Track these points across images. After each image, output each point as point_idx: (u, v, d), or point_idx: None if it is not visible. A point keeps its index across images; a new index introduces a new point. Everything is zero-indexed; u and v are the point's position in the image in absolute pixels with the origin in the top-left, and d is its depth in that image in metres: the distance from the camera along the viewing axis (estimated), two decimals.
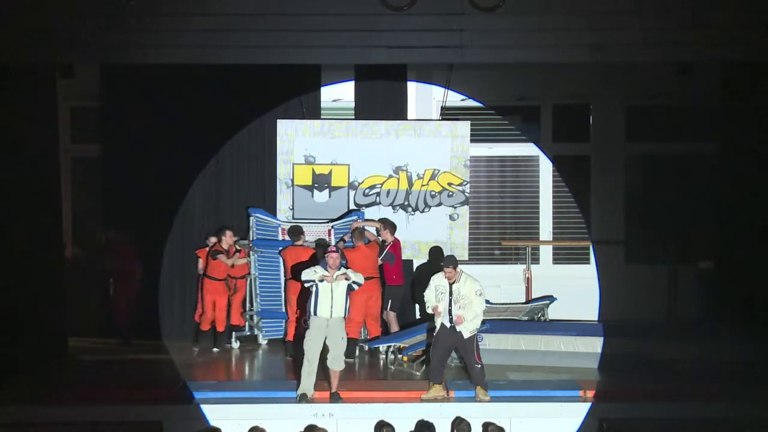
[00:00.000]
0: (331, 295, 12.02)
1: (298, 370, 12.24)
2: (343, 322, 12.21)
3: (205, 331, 15.03)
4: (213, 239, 15.20)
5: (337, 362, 12.12)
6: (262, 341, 15.38)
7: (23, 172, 13.99)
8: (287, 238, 15.02)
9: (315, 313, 12.05)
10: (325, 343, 12.12)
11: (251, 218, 15.34)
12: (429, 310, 12.35)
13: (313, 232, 15.26)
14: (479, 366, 12.17)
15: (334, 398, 12.06)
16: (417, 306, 16.19)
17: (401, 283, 14.96)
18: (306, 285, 12.09)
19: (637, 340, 14.76)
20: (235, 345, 15.13)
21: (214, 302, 14.91)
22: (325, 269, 12.06)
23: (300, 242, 14.69)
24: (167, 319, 16.10)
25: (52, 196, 15.01)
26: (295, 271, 13.87)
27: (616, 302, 16.55)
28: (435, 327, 12.34)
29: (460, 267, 12.34)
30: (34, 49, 13.04)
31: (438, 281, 12.25)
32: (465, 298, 12.07)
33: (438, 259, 13.48)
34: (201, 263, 15.31)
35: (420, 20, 13.04)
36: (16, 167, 13.86)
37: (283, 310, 14.83)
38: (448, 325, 12.17)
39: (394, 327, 14.82)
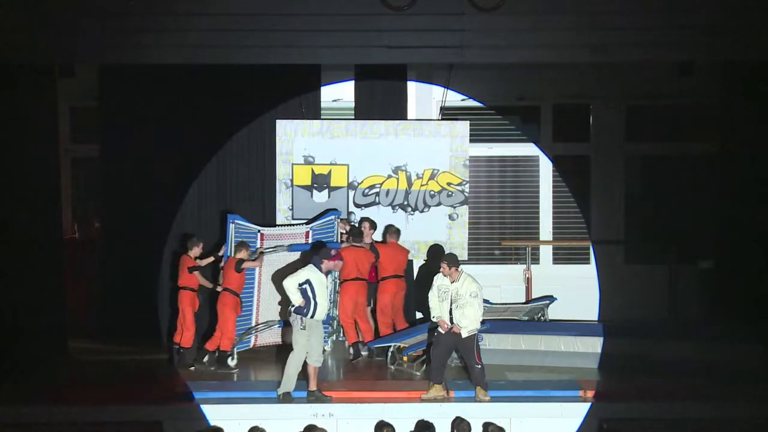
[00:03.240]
0: (327, 299, 12.23)
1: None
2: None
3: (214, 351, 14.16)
4: (198, 250, 14.40)
5: (318, 360, 12.21)
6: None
7: (23, 172, 13.99)
8: (266, 243, 14.86)
9: (313, 316, 12.12)
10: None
11: (231, 225, 14.72)
12: (433, 318, 12.36)
13: (289, 235, 15.14)
14: (479, 366, 12.17)
15: (317, 396, 12.09)
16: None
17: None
18: (299, 288, 12.10)
19: (637, 340, 14.75)
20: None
21: None
22: (322, 272, 12.15)
23: (360, 243, 14.57)
24: (167, 319, 16.09)
25: (52, 195, 15.01)
26: (351, 272, 14.28)
27: (616, 302, 16.55)
28: (436, 326, 12.35)
29: (462, 267, 12.35)
30: (34, 49, 13.05)
31: (440, 281, 12.29)
32: (462, 299, 12.10)
33: (437, 258, 13.48)
34: (222, 278, 14.36)
35: (420, 20, 13.05)
36: (16, 167, 13.87)
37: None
38: (449, 323, 12.18)
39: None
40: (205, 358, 14.11)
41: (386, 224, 15.32)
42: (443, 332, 12.24)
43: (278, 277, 14.26)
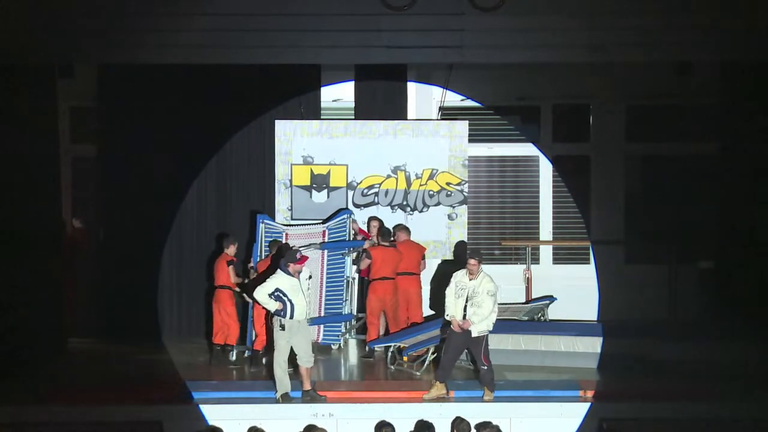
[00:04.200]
0: (305, 297, 12.17)
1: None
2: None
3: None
4: (234, 248, 14.40)
5: (309, 360, 12.18)
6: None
7: (23, 172, 13.98)
8: (290, 242, 14.85)
9: (291, 317, 12.10)
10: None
11: (261, 225, 14.93)
12: (447, 316, 12.31)
13: (308, 234, 15.17)
14: (485, 368, 12.16)
15: (311, 395, 12.08)
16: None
17: None
18: (271, 296, 12.07)
19: (637, 340, 14.76)
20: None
21: None
22: (290, 274, 12.09)
23: (387, 243, 14.69)
24: (167, 319, 16.11)
25: (52, 195, 15.00)
26: (380, 271, 14.40)
27: (616, 302, 16.54)
28: (448, 323, 12.33)
29: (482, 266, 12.33)
30: (34, 49, 13.04)
31: (459, 278, 12.25)
32: (478, 296, 12.07)
33: (462, 256, 13.45)
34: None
35: (420, 20, 13.04)
36: (16, 167, 13.86)
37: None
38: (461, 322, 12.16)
39: None
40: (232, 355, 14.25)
41: (395, 224, 15.37)
42: (456, 331, 12.22)
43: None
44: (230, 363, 14.17)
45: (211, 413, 11.69)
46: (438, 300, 12.89)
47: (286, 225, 15.42)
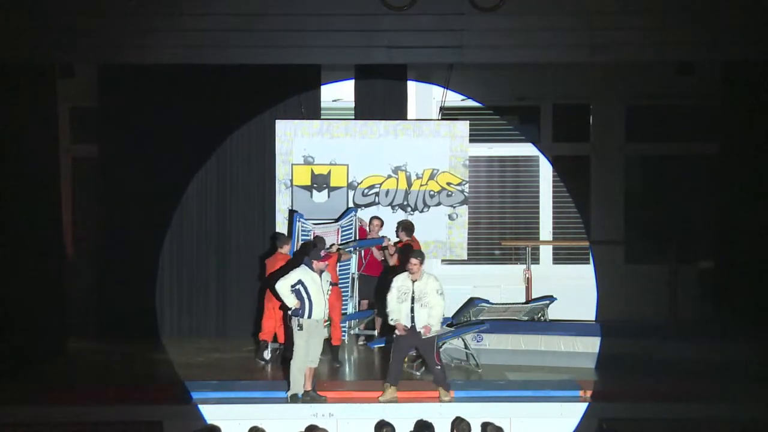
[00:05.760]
0: (324, 298, 12.14)
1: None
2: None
3: None
4: (288, 247, 14.43)
5: (316, 361, 12.20)
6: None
7: (23, 172, 13.98)
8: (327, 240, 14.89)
9: (310, 317, 12.09)
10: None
11: (298, 223, 14.96)
12: (391, 321, 12.25)
13: (326, 233, 15.15)
14: (439, 367, 12.13)
15: (312, 396, 12.07)
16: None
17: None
18: (292, 289, 12.07)
19: (637, 340, 14.75)
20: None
21: None
22: (313, 271, 12.10)
23: (410, 239, 14.79)
24: (167, 319, 16.11)
25: (52, 196, 15.00)
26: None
27: (616, 302, 16.54)
28: (393, 328, 12.30)
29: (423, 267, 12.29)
30: (34, 49, 13.05)
31: (401, 282, 12.19)
32: (427, 297, 12.03)
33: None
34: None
35: (420, 20, 13.06)
36: (16, 167, 13.86)
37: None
38: (408, 325, 12.12)
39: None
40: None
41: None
42: (401, 335, 12.18)
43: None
44: (263, 359, 14.14)
45: (211, 413, 11.69)
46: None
47: (314, 224, 15.44)
